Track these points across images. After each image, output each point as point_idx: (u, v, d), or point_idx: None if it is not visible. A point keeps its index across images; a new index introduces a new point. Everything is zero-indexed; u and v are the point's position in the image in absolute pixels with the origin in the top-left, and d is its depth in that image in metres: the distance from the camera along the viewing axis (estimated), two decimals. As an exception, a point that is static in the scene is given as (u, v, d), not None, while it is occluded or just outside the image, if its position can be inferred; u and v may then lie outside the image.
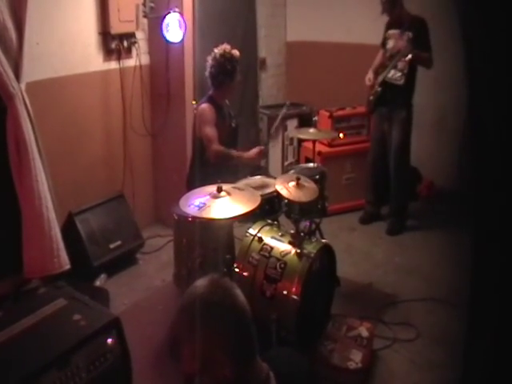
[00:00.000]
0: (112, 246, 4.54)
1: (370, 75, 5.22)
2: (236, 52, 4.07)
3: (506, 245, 1.36)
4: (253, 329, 1.57)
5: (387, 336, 3.74)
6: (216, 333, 1.49)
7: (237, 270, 3.47)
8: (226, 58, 4.00)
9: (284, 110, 4.50)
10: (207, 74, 4.10)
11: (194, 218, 3.39)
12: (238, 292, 1.60)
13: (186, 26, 4.71)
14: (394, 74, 5.01)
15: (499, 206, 1.36)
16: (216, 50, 4.04)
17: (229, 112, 4.33)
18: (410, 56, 4.82)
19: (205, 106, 4.06)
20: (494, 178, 1.36)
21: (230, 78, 4.07)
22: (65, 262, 3.71)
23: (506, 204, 1.33)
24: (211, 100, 4.10)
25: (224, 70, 4.01)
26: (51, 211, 3.64)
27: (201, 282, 1.58)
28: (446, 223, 5.25)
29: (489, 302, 1.48)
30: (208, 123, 4.00)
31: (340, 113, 5.79)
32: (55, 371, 2.26)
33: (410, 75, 4.97)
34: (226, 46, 4.05)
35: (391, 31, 5.07)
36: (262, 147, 4.12)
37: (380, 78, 5.10)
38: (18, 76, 3.47)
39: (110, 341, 2.52)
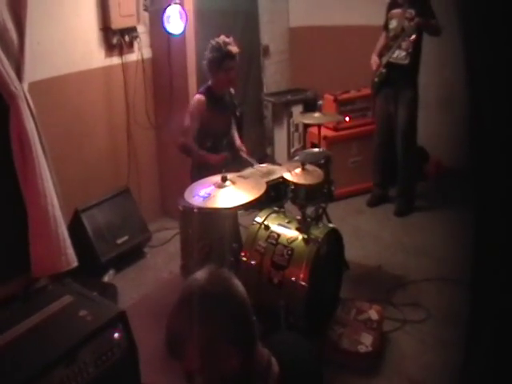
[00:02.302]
0: (119, 241, 4.55)
1: (374, 58, 5.20)
2: (228, 45, 3.95)
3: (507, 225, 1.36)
4: (253, 317, 1.57)
5: (397, 318, 3.75)
6: (219, 324, 1.49)
7: (244, 258, 3.48)
8: (213, 46, 3.97)
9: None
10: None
11: (199, 208, 3.42)
12: (237, 282, 1.60)
13: (187, 17, 4.70)
14: (399, 54, 4.98)
15: (500, 185, 1.36)
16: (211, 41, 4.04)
17: (232, 101, 4.31)
18: (414, 36, 4.81)
19: (197, 97, 4.04)
20: (494, 157, 1.36)
21: (214, 68, 3.99)
22: (72, 260, 3.73)
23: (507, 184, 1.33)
24: (207, 90, 4.07)
25: (207, 57, 3.99)
26: (57, 209, 3.66)
27: (198, 275, 1.57)
28: (454, 202, 5.23)
29: (490, 283, 1.48)
30: (190, 114, 3.99)
31: (345, 96, 5.75)
32: (63, 368, 2.28)
33: (415, 54, 4.95)
34: (223, 38, 4.01)
35: (394, 11, 5.04)
36: (226, 155, 4.08)
37: (385, 59, 5.08)
38: (20, 76, 3.49)
39: (116, 335, 2.54)
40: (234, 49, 3.99)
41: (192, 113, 4.00)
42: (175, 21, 4.65)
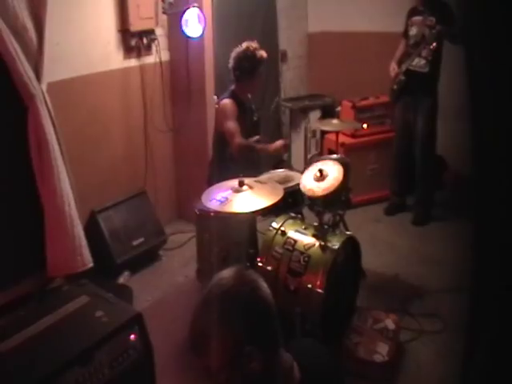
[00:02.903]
0: (135, 243, 4.54)
1: (393, 66, 5.16)
2: (259, 51, 4.02)
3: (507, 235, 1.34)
4: (278, 320, 1.56)
5: (414, 328, 3.70)
6: (244, 324, 1.48)
7: (260, 264, 3.46)
8: (245, 55, 3.99)
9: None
10: (229, 66, 4.12)
11: (215, 212, 3.39)
12: (263, 283, 1.58)
13: (205, 21, 4.70)
14: (419, 62, 4.94)
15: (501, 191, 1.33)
16: (243, 45, 4.04)
17: (250, 106, 4.31)
18: (434, 44, 4.76)
19: (226, 101, 4.06)
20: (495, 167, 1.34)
21: (248, 76, 4.05)
22: (88, 260, 3.73)
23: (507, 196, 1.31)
24: (233, 95, 4.10)
25: (240, 66, 4.01)
26: (74, 210, 3.66)
27: (225, 274, 1.56)
28: (472, 212, 5.15)
29: (490, 290, 1.45)
30: (229, 118, 4.00)
31: (363, 103, 5.71)
32: (78, 368, 2.27)
33: (435, 62, 4.91)
34: (250, 44, 4.02)
35: (414, 18, 5.01)
36: (287, 140, 4.10)
37: (404, 67, 5.04)
38: (38, 76, 3.50)
39: (132, 337, 2.53)
40: (264, 53, 4.02)
41: (231, 115, 4.01)
42: (194, 24, 4.66)
